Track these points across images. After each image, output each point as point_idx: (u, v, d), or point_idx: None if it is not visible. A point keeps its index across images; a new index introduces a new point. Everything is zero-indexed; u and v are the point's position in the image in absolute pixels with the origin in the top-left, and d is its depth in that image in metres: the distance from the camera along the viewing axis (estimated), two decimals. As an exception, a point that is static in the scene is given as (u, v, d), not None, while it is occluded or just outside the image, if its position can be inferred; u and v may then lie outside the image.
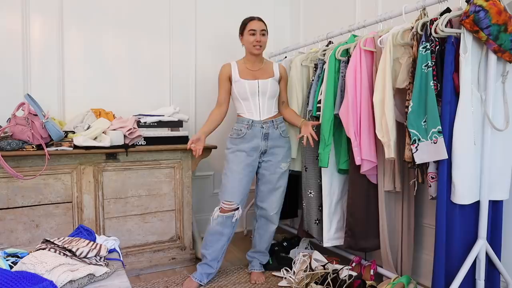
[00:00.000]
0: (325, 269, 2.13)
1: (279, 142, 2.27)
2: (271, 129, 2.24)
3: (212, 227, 2.23)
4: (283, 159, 2.29)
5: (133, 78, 2.84)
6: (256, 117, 2.24)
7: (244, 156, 2.22)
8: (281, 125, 2.29)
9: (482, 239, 1.65)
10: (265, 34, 2.25)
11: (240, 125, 2.25)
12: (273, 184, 2.29)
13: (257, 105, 2.24)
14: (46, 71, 2.57)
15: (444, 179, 1.63)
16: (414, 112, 1.66)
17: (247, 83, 2.23)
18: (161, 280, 2.34)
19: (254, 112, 2.25)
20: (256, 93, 2.23)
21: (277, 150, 2.27)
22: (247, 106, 2.25)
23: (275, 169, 2.27)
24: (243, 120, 2.25)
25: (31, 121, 2.09)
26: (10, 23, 2.46)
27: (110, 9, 2.74)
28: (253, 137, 2.23)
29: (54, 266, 1.14)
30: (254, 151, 2.24)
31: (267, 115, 2.26)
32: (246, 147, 2.22)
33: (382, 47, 1.88)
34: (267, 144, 2.24)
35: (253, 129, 2.23)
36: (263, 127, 2.23)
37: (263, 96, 2.25)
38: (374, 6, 2.47)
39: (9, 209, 2.07)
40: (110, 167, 2.31)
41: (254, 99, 2.24)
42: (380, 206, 2.04)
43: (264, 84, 2.24)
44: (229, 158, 2.25)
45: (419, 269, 2.16)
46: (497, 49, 1.54)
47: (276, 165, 2.27)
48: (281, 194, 2.34)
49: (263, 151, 2.26)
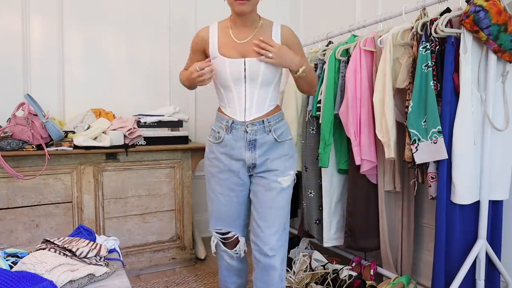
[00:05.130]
0: (325, 269, 2.13)
1: (274, 150, 1.57)
2: (259, 133, 1.54)
3: (224, 262, 1.72)
4: (283, 172, 1.58)
5: (133, 78, 2.84)
6: (239, 117, 1.55)
7: (227, 172, 1.59)
8: (277, 127, 1.57)
9: (482, 239, 1.65)
10: None
11: (218, 125, 1.61)
12: (268, 205, 1.57)
13: (242, 97, 1.53)
14: (46, 71, 2.57)
15: (444, 179, 1.63)
16: (414, 112, 1.66)
17: (228, 63, 1.51)
18: (161, 280, 2.34)
19: (238, 107, 1.55)
20: (241, 79, 1.51)
21: (272, 162, 1.56)
22: (228, 97, 1.56)
23: (269, 185, 1.57)
24: (222, 119, 1.59)
25: (31, 121, 2.09)
26: (10, 23, 2.46)
27: (110, 9, 2.74)
28: (234, 145, 1.56)
29: (54, 266, 1.14)
30: (238, 164, 1.58)
31: (256, 113, 1.55)
32: (227, 159, 1.58)
33: (382, 47, 1.88)
34: (254, 156, 1.55)
35: (234, 134, 1.55)
36: (248, 131, 1.54)
37: (253, 82, 1.52)
38: (374, 6, 2.47)
39: (9, 209, 2.07)
40: (110, 167, 2.31)
41: (238, 88, 1.53)
42: (380, 206, 2.04)
43: (255, 65, 1.50)
44: (209, 173, 1.65)
45: (419, 269, 2.16)
46: (497, 49, 1.54)
47: (271, 179, 1.57)
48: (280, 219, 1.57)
49: (250, 165, 1.57)
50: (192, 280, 2.35)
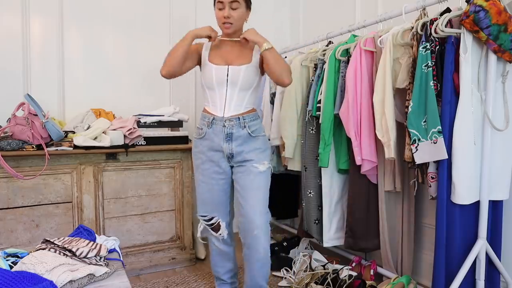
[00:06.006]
0: (325, 269, 2.13)
1: (248, 143, 1.85)
2: (235, 128, 1.83)
3: (214, 246, 2.01)
4: (258, 161, 1.86)
5: (133, 78, 2.84)
6: (219, 113, 1.85)
7: (209, 162, 1.87)
8: (251, 124, 1.85)
9: (482, 239, 1.65)
10: (238, 8, 1.78)
11: (202, 122, 1.90)
12: (248, 187, 1.85)
13: (223, 97, 1.84)
14: (46, 71, 2.57)
15: (444, 179, 1.63)
16: (414, 112, 1.66)
17: (214, 69, 1.83)
18: (161, 280, 2.34)
19: (219, 105, 1.85)
20: (223, 83, 1.82)
21: (248, 153, 1.85)
22: (212, 97, 1.87)
23: (248, 169, 1.85)
24: (205, 117, 1.89)
25: (31, 121, 2.09)
26: (10, 23, 2.46)
27: (110, 9, 2.74)
28: (214, 138, 1.85)
29: (54, 266, 1.15)
30: (218, 155, 1.87)
31: (234, 111, 1.84)
32: (208, 151, 1.87)
33: (382, 47, 1.88)
34: (231, 146, 1.83)
35: (214, 128, 1.84)
36: (225, 126, 1.82)
37: (233, 86, 1.83)
38: (374, 6, 2.46)
39: (9, 209, 2.07)
40: (110, 167, 2.31)
41: (221, 90, 1.84)
42: (380, 206, 2.04)
43: (236, 72, 1.81)
44: (195, 165, 1.95)
45: (419, 269, 2.16)
46: (497, 49, 1.54)
47: (248, 165, 1.86)
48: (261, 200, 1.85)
49: (228, 155, 1.85)
50: (192, 280, 2.35)
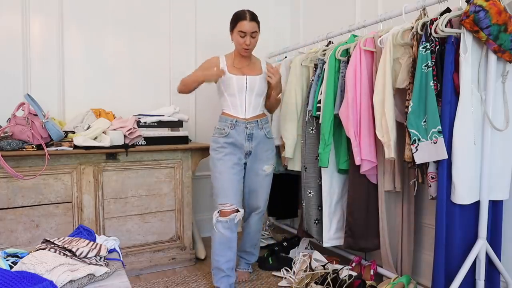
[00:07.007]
0: (325, 269, 2.13)
1: (263, 143, 2.20)
2: (255, 129, 2.16)
3: (218, 233, 2.11)
4: (266, 161, 2.23)
5: (133, 78, 2.84)
6: (240, 115, 2.15)
7: (230, 155, 2.14)
8: (266, 126, 2.21)
9: (482, 239, 1.65)
10: (256, 36, 2.15)
11: (223, 124, 2.17)
12: (257, 186, 2.25)
13: (243, 102, 2.16)
14: (46, 71, 2.57)
15: (444, 179, 1.63)
16: (414, 112, 1.66)
17: (235, 78, 2.14)
18: (161, 280, 2.34)
19: (240, 109, 2.16)
20: (243, 89, 2.15)
21: (261, 152, 2.20)
22: (233, 102, 2.16)
23: (257, 171, 2.22)
24: (226, 119, 2.16)
25: (31, 121, 2.09)
26: (10, 23, 2.46)
27: (110, 9, 2.74)
28: (237, 137, 2.14)
29: (54, 266, 1.14)
30: (239, 150, 2.16)
31: (253, 113, 2.17)
32: (231, 146, 2.14)
33: (382, 47, 1.88)
34: (251, 145, 2.16)
35: (237, 129, 2.14)
36: (247, 127, 2.14)
37: (251, 92, 2.16)
38: (374, 6, 2.47)
39: (9, 209, 2.07)
40: (110, 167, 2.31)
41: (241, 96, 2.16)
42: (380, 206, 2.04)
43: (253, 81, 2.16)
44: (215, 159, 2.16)
45: (419, 269, 2.16)
46: (497, 49, 1.54)
47: (259, 167, 2.21)
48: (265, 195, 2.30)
49: (247, 152, 2.18)
50: (192, 280, 2.35)
